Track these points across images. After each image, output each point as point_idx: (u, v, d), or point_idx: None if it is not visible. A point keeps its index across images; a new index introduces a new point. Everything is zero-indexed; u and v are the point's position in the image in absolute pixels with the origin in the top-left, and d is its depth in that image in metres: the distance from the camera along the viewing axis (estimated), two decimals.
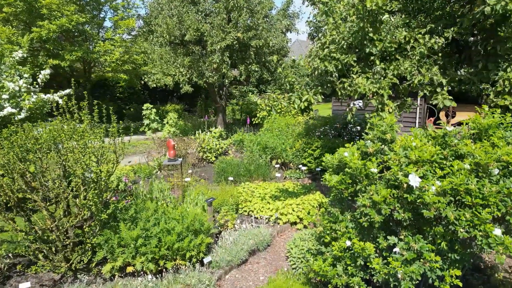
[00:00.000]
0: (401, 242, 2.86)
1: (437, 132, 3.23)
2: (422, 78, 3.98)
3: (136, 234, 3.77)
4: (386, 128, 3.36)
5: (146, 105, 10.04)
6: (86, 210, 3.71)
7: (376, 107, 4.09)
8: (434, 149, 2.91)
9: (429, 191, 2.67)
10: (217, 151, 9.42)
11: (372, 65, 4.51)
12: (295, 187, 6.43)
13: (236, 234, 4.62)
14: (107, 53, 12.57)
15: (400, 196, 2.85)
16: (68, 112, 4.17)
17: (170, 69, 11.16)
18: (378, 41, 4.29)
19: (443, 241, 2.78)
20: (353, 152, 3.32)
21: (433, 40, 4.00)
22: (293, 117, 11.41)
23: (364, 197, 2.96)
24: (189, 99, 20.89)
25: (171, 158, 5.87)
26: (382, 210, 2.83)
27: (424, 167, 2.83)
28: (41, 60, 11.68)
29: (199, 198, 5.34)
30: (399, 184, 2.86)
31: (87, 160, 3.57)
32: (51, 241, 3.82)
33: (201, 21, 10.76)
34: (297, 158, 8.29)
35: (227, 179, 7.08)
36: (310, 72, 4.95)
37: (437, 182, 2.75)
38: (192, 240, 4.01)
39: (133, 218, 4.06)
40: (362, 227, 3.07)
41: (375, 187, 2.97)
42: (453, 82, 4.46)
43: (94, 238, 3.86)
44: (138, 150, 11.41)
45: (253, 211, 5.64)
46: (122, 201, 4.01)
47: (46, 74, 5.95)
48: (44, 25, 11.08)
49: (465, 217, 2.62)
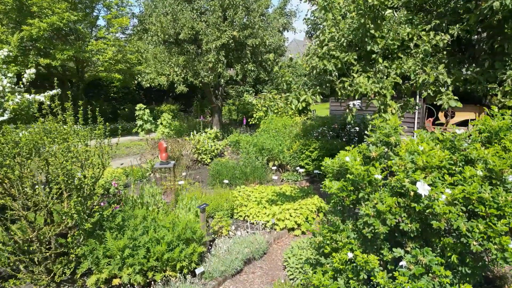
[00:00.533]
0: (408, 255, 2.64)
1: (445, 135, 3.01)
2: (427, 77, 3.77)
3: (122, 244, 3.52)
4: (390, 130, 3.14)
5: (139, 105, 9.77)
6: (69, 219, 3.46)
7: (378, 108, 3.87)
8: (443, 153, 2.69)
9: (439, 200, 2.45)
10: (213, 152, 9.17)
11: (373, 64, 4.30)
12: (293, 191, 6.21)
13: (230, 242, 4.39)
14: (99, 52, 12.27)
15: (407, 205, 2.63)
16: (51, 114, 3.91)
17: (165, 69, 10.90)
18: (380, 38, 4.07)
19: (453, 254, 2.56)
20: (355, 156, 3.09)
21: (439, 37, 3.78)
22: (290, 118, 11.19)
23: (367, 206, 2.74)
24: (185, 99, 20.60)
25: (163, 161, 5.62)
26: (387, 221, 2.60)
27: (432, 173, 2.61)
28: (31, 60, 11.37)
29: (192, 203, 5.10)
30: (406, 192, 2.64)
31: (69, 165, 3.31)
32: (32, 251, 3.57)
33: (196, 19, 10.51)
34: (294, 160, 8.06)
35: (222, 182, 6.84)
36: (308, 71, 4.72)
37: (447, 190, 2.52)
38: (183, 249, 3.76)
39: (120, 226, 3.81)
40: (365, 237, 2.84)
41: (379, 195, 2.75)
42: (458, 82, 4.25)
43: (78, 249, 3.60)
44: (132, 151, 11.14)
45: (248, 216, 5.40)
46: (109, 209, 3.76)
47: (31, 73, 5.67)
48: (35, 23, 10.77)
49: (478, 229, 2.40)
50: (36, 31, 10.76)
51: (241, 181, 6.99)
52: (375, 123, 3.38)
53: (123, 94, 18.30)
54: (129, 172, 7.78)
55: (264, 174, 7.32)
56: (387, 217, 2.60)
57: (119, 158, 10.24)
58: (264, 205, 5.54)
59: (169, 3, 10.51)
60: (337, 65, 4.18)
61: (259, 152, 8.25)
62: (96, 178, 3.81)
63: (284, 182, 7.41)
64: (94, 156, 3.72)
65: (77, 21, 12.07)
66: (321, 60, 4.15)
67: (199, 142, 9.02)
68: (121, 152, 10.92)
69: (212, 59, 10.18)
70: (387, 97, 3.74)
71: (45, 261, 3.59)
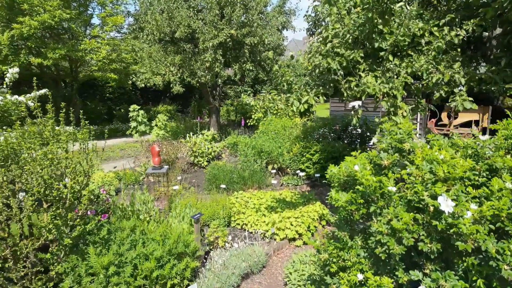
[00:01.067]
0: (427, 279, 2.32)
1: (465, 141, 2.69)
2: (441, 76, 3.45)
3: (107, 260, 3.19)
4: (403, 135, 2.82)
5: (133, 106, 9.43)
6: (47, 233, 3.12)
7: (388, 110, 3.55)
8: (466, 163, 2.37)
9: (464, 217, 2.13)
10: (209, 155, 8.84)
11: (381, 62, 3.98)
12: (293, 196, 5.88)
13: (227, 255, 4.06)
14: (93, 51, 11.91)
15: (426, 222, 2.31)
16: (29, 116, 3.58)
17: (160, 68, 10.56)
18: (388, 35, 3.75)
19: (479, 278, 2.24)
20: (365, 165, 2.78)
21: (454, 33, 3.47)
22: (290, 119, 10.87)
23: (380, 222, 2.42)
24: (182, 100, 20.26)
25: (155, 165, 5.29)
26: (404, 240, 2.28)
27: (455, 186, 2.29)
28: (23, 59, 11.01)
29: (186, 211, 4.77)
30: (425, 207, 2.32)
31: (45, 174, 2.98)
32: (8, 269, 3.23)
33: (193, 17, 10.18)
34: (294, 163, 7.74)
35: (219, 186, 6.52)
36: (310, 70, 4.40)
37: (472, 206, 2.20)
38: (175, 265, 3.44)
39: (105, 240, 3.48)
40: (377, 257, 2.52)
41: (393, 209, 2.43)
42: (473, 82, 3.93)
43: (58, 265, 3.27)
44: (126, 153, 10.79)
45: (246, 225, 5.08)
46: (92, 221, 3.42)
47: (14, 72, 5.34)
48: (25, 21, 10.41)
49: (510, 251, 2.09)
50: (27, 30, 10.40)
51: (239, 185, 6.66)
52: (385, 127, 3.07)
53: (119, 94, 17.93)
54: (122, 176, 7.45)
55: (263, 178, 7.00)
56: (404, 235, 2.28)
57: (113, 160, 9.89)
58: (263, 212, 5.22)
59: (165, 1, 10.17)
60: (342, 64, 3.86)
61: (257, 155, 7.92)
62: (81, 187, 3.48)
63: (284, 187, 7.09)
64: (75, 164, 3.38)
65: (70, 20, 11.70)
66: (325, 58, 3.83)
67: (196, 144, 8.69)
68: (115, 155, 10.57)
69: (209, 58, 9.85)
70: (397, 99, 3.42)
71: (22, 279, 3.25)
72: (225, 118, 17.52)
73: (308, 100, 4.00)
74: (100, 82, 16.90)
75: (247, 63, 10.99)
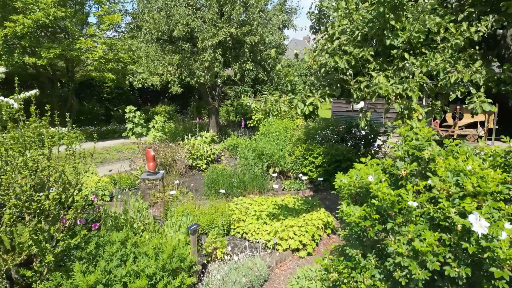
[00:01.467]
0: None
1: (494, 150, 2.41)
2: (461, 76, 3.16)
3: (94, 279, 2.88)
4: (422, 142, 2.53)
5: (129, 107, 9.13)
6: (27, 249, 2.84)
7: (401, 113, 3.26)
8: (498, 175, 2.08)
9: (499, 239, 1.85)
10: (208, 158, 8.54)
11: (392, 61, 3.68)
12: (296, 202, 5.59)
13: (226, 269, 3.77)
14: (89, 51, 11.61)
15: (454, 244, 2.02)
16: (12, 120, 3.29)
17: (158, 68, 10.26)
18: (400, 31, 3.46)
19: None
20: (379, 175, 2.49)
21: (474, 29, 3.18)
22: (291, 120, 10.57)
23: (400, 242, 2.13)
24: (181, 100, 19.94)
25: (150, 171, 5.00)
26: (428, 264, 1.99)
27: (487, 202, 2.00)
28: (16, 58, 10.71)
29: (183, 220, 4.48)
30: (451, 226, 2.03)
31: (24, 184, 2.68)
32: None
33: (191, 16, 9.88)
34: (296, 166, 7.45)
35: (218, 191, 6.23)
36: (315, 70, 4.10)
37: (506, 225, 1.92)
38: (168, 282, 3.14)
39: (93, 255, 3.19)
40: (395, 281, 2.23)
41: (414, 227, 2.14)
42: (491, 82, 3.64)
43: (41, 284, 2.98)
44: (123, 156, 10.49)
45: (247, 233, 4.79)
46: (77, 236, 3.13)
47: (1, 72, 5.04)
48: (19, 19, 10.11)
49: None
50: (20, 28, 10.10)
51: (239, 190, 6.37)
52: (400, 132, 2.78)
53: (117, 94, 17.61)
54: (117, 180, 7.15)
55: (264, 182, 6.71)
56: (428, 259, 1.99)
57: (109, 163, 9.59)
58: (265, 220, 4.93)
59: None
60: (350, 63, 3.57)
61: (258, 158, 7.63)
62: (67, 196, 3.20)
63: (285, 191, 6.80)
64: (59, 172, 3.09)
65: (66, 18, 11.39)
66: (332, 57, 3.54)
67: (194, 147, 8.39)
68: (111, 157, 10.28)
69: (208, 57, 9.56)
70: (412, 100, 3.14)
71: None
72: (225, 119, 17.23)
73: (313, 102, 3.71)
74: (98, 82, 16.60)
75: (247, 63, 10.70)
